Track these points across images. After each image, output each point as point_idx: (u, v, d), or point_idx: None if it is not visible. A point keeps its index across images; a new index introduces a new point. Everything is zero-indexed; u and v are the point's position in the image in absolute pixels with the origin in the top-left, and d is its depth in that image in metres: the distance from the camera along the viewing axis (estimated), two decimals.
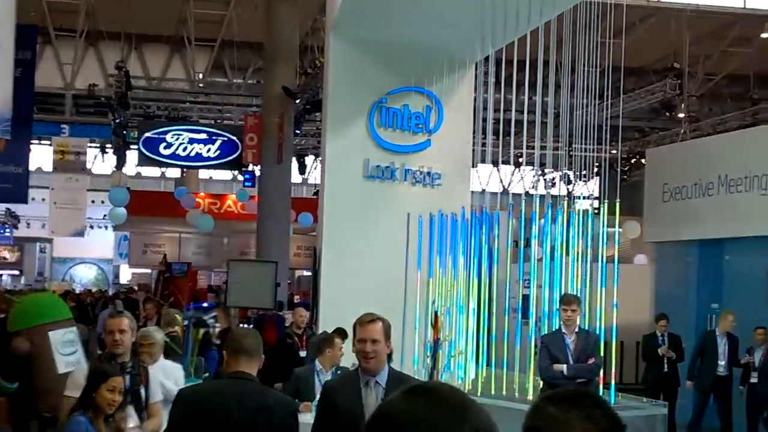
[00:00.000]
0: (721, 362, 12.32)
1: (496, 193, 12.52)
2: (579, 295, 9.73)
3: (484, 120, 11.08)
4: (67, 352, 7.68)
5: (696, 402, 12.42)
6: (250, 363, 4.40)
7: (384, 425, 1.80)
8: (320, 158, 12.98)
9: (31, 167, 25.02)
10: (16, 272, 43.41)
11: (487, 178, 30.39)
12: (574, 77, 10.98)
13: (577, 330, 8.85)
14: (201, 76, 28.42)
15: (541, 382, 9.14)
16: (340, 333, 9.70)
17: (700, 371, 12.46)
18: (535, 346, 10.00)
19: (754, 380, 11.99)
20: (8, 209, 36.56)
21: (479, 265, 10.71)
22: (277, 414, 4.35)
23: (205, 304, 21.43)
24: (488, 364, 11.18)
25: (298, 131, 22.89)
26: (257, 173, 22.01)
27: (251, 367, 4.41)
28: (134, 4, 24.38)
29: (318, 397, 8.07)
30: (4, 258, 43.12)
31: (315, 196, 20.85)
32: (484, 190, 12.90)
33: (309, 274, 19.32)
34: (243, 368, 4.39)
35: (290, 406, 4.57)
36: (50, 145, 28.96)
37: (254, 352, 4.44)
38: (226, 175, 36.12)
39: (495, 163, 16.88)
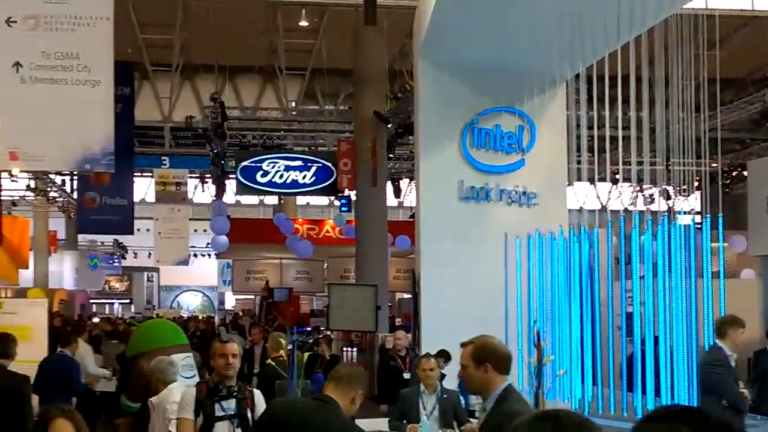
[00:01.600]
0: None
1: (594, 211, 12.35)
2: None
3: (578, 137, 10.97)
4: (187, 375, 7.87)
5: None
6: (335, 389, 4.73)
7: None
8: (414, 181, 13.03)
9: (135, 199, 25.85)
10: (126, 301, 45.00)
11: (584, 195, 29.99)
12: (669, 91, 10.80)
13: None
14: (293, 104, 28.85)
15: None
16: (443, 355, 9.73)
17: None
18: (641, 362, 9.78)
19: None
20: (116, 240, 37.81)
21: (580, 284, 10.58)
22: None
23: (308, 328, 21.76)
24: (594, 383, 11.01)
25: (391, 155, 22.99)
26: (353, 198, 22.19)
27: (336, 393, 4.73)
28: (226, 38, 24.94)
29: (422, 418, 8.18)
30: (115, 288, 44.68)
31: (411, 219, 20.89)
32: (581, 208, 12.77)
33: (409, 296, 19.34)
34: (329, 392, 4.75)
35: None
36: (152, 176, 29.83)
37: (339, 380, 4.77)
38: (322, 200, 36.54)
39: (591, 181, 16.65)
